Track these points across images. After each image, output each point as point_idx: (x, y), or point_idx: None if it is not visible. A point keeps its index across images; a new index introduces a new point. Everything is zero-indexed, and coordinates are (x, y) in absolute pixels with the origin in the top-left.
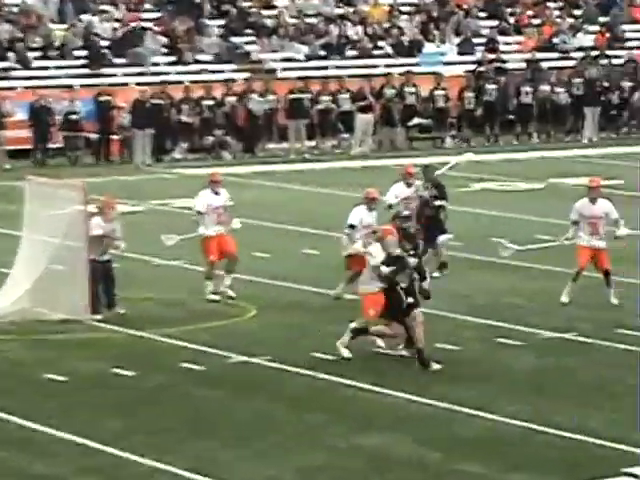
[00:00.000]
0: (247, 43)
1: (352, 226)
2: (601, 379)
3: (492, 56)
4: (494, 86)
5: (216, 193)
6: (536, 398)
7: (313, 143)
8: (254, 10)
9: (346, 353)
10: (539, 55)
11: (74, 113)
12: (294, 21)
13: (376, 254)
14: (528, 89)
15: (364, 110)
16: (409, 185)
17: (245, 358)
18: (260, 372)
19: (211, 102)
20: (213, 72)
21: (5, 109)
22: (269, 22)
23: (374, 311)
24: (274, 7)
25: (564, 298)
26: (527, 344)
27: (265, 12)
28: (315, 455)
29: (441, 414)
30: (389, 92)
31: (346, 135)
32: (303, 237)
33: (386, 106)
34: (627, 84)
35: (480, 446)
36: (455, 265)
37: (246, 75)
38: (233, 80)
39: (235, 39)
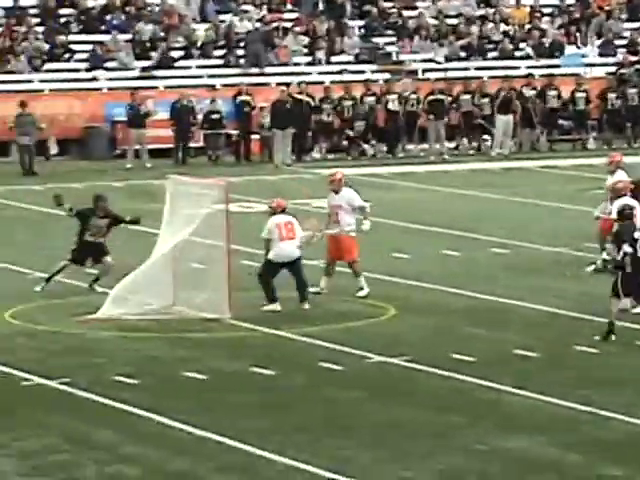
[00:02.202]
0: (387, 44)
1: None
2: None
3: (634, 58)
4: (635, 90)
5: (336, 192)
6: None
7: (453, 144)
8: (394, 11)
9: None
10: None
11: (216, 112)
12: (435, 22)
13: None
14: None
15: (504, 111)
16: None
17: (384, 358)
18: (399, 373)
19: (350, 102)
20: (353, 72)
21: (147, 108)
22: (410, 23)
23: None
24: (415, 8)
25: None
26: None
27: (406, 13)
28: (453, 458)
29: (582, 417)
30: (529, 93)
31: (487, 137)
32: (442, 238)
33: (526, 107)
34: None
35: (621, 450)
36: None
37: (386, 76)
38: (372, 80)
39: (376, 39)
